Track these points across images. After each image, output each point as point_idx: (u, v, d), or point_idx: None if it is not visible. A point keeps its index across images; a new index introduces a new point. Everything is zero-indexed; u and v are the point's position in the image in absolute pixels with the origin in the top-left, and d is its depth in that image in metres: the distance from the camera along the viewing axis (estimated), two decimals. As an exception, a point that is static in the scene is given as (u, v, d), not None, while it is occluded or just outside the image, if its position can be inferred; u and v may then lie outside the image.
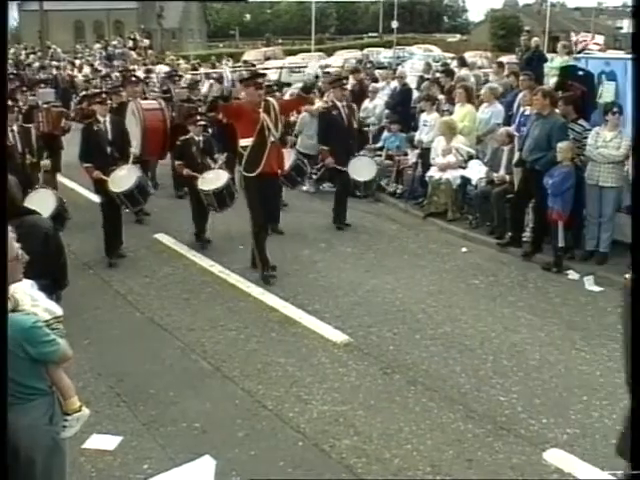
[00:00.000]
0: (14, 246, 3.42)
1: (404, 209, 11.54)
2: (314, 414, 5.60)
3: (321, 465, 4.97)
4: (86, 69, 26.58)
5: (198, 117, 10.07)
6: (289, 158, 9.94)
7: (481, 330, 7.12)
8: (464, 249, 9.73)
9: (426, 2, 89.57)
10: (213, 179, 9.29)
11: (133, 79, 13.23)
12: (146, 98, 12.04)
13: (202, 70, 21.77)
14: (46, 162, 8.89)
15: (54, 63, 27.75)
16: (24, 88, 12.73)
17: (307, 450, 5.14)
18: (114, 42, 41.23)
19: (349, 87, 13.35)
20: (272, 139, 8.21)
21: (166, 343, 6.93)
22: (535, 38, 19.06)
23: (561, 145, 8.55)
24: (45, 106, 11.56)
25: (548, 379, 6.12)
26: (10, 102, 8.95)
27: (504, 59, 20.24)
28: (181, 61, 29.82)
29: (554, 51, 19.01)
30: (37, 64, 27.56)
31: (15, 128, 8.79)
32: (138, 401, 5.83)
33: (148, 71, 21.60)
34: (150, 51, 37.68)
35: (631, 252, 6.03)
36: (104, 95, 9.84)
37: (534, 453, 5.07)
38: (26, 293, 3.57)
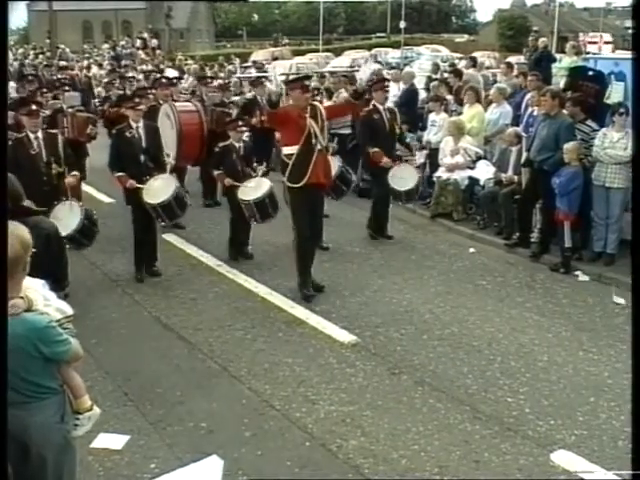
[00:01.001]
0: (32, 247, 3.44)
1: (412, 209, 11.51)
2: (321, 414, 5.60)
3: (328, 465, 4.97)
4: (94, 69, 26.61)
5: (240, 122, 9.45)
6: (333, 166, 9.15)
7: (488, 331, 7.11)
8: (472, 250, 9.72)
9: (434, 2, 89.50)
10: (254, 188, 8.73)
11: (164, 81, 12.37)
12: (175, 101, 11.19)
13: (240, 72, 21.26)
14: (72, 180, 8.01)
15: (63, 63, 27.78)
16: (44, 90, 12.09)
17: (314, 450, 5.14)
18: (122, 42, 41.35)
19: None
20: (319, 147, 7.64)
21: (173, 343, 6.94)
22: (543, 38, 19.05)
23: (567, 146, 8.54)
24: (70, 110, 10.79)
25: (556, 380, 6.10)
26: (34, 106, 8.10)
27: (512, 59, 20.26)
28: (190, 61, 29.90)
29: (562, 51, 18.97)
30: (45, 63, 27.42)
31: (40, 135, 7.92)
32: (145, 400, 5.84)
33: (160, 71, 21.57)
34: (158, 51, 37.74)
35: (632, 254, 6.03)
36: (137, 99, 8.95)
37: (541, 454, 5.06)
38: (39, 293, 3.58)
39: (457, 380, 6.12)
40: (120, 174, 8.30)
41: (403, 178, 9.78)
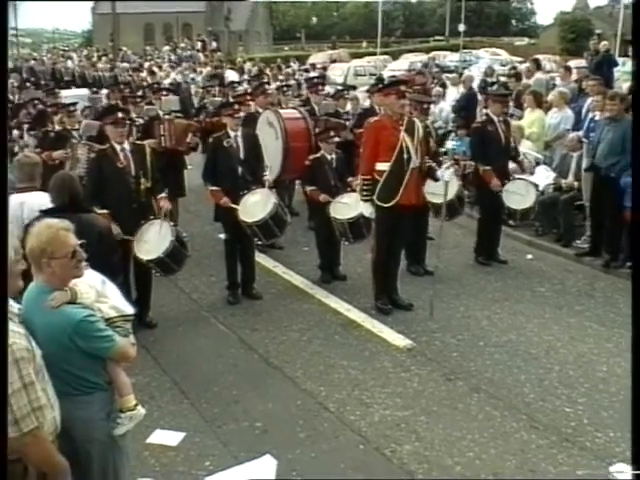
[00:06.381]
0: (70, 243, 3.46)
1: (469, 214, 11.39)
2: (375, 418, 5.59)
3: (382, 470, 4.96)
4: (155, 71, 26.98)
5: (332, 132, 8.58)
6: (454, 185, 8.38)
7: (546, 339, 7.00)
8: (529, 256, 9.60)
9: (494, 5, 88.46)
10: (348, 205, 8.00)
11: (266, 87, 11.61)
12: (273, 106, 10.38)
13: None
14: (167, 207, 7.12)
15: (125, 65, 28.30)
16: (138, 97, 11.08)
17: (368, 454, 5.14)
18: (182, 44, 42.00)
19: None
20: (412, 165, 7.19)
21: (230, 342, 7.02)
22: (604, 42, 18.65)
23: None
24: (167, 117, 9.67)
25: (615, 392, 5.97)
26: (120, 114, 7.21)
27: (572, 63, 19.92)
28: (248, 63, 30.19)
29: (626, 55, 18.56)
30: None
31: (127, 146, 7.05)
32: (201, 398, 5.91)
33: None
34: (218, 53, 38.13)
35: (631, 254, 5.87)
36: (236, 106, 8.21)
37: (600, 467, 4.95)
38: (91, 287, 3.60)
39: (514, 388, 6.04)
40: (215, 188, 7.74)
41: (519, 195, 8.86)
